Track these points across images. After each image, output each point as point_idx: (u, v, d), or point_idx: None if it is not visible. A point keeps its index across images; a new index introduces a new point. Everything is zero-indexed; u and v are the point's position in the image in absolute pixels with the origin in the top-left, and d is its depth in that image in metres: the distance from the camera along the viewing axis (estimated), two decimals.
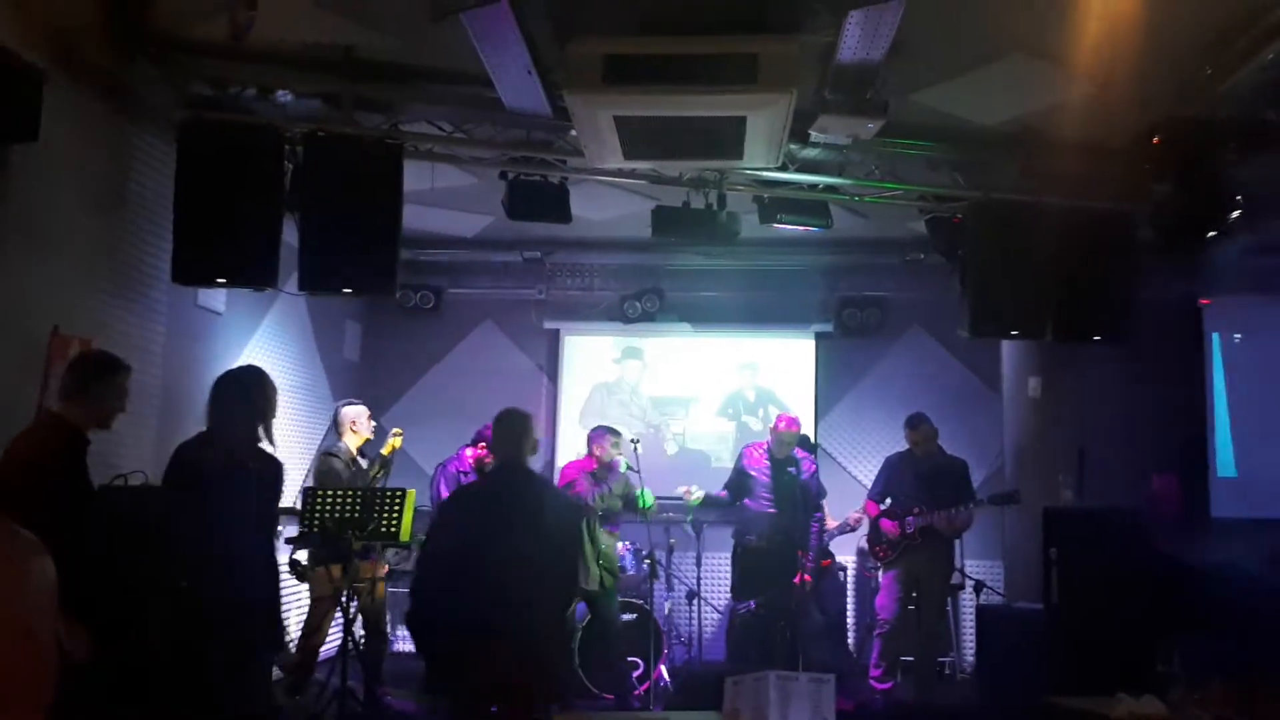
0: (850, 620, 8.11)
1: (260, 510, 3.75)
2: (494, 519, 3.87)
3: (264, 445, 3.89)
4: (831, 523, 7.31)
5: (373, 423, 6.46)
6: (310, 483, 6.29)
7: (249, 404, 3.78)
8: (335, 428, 6.44)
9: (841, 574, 8.02)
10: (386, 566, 6.37)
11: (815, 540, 6.75)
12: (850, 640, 7.95)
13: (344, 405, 6.52)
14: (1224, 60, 4.70)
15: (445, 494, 6.57)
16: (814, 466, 6.93)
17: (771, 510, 6.67)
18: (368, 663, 6.04)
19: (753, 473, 6.78)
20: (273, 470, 3.76)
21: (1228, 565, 5.99)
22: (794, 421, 6.77)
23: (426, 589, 4.00)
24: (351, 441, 6.31)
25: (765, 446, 6.82)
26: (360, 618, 6.03)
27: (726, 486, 6.97)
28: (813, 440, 8.21)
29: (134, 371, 3.79)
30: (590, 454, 6.58)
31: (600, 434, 6.60)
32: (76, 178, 4.73)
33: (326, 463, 6.19)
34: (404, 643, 7.89)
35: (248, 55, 5.08)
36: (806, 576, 6.60)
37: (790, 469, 6.64)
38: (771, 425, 6.78)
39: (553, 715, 3.65)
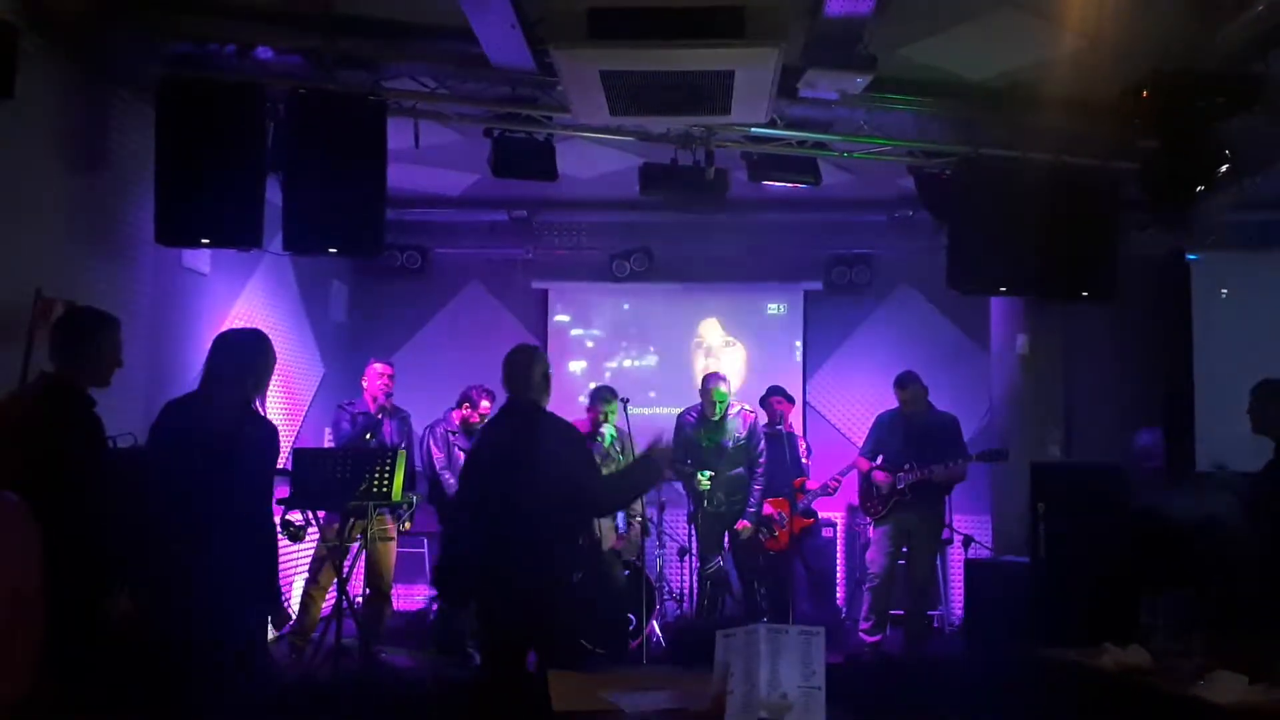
0: (840, 575, 8.19)
1: (258, 473, 3.69)
2: (504, 448, 4.03)
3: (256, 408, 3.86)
4: (813, 484, 7.31)
5: (383, 380, 6.46)
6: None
7: (245, 367, 3.70)
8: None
9: (831, 530, 8.08)
10: (392, 524, 6.37)
11: (756, 496, 6.75)
12: (839, 595, 8.03)
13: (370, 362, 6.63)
14: (1212, 13, 4.66)
15: (437, 454, 6.58)
16: (751, 417, 6.88)
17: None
18: (366, 621, 6.09)
19: (690, 435, 6.79)
20: (268, 432, 3.70)
21: (1211, 518, 6.05)
22: (714, 376, 6.76)
23: (455, 525, 4.29)
24: (369, 397, 6.42)
25: (698, 409, 6.82)
26: (365, 575, 6.09)
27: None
28: (803, 397, 8.28)
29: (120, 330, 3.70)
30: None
31: (593, 397, 6.57)
32: (54, 137, 4.67)
33: (335, 414, 6.47)
34: (403, 601, 7.95)
35: (226, 11, 5.00)
36: (744, 523, 6.66)
37: (720, 427, 6.66)
38: (700, 385, 6.80)
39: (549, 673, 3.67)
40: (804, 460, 7.31)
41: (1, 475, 3.07)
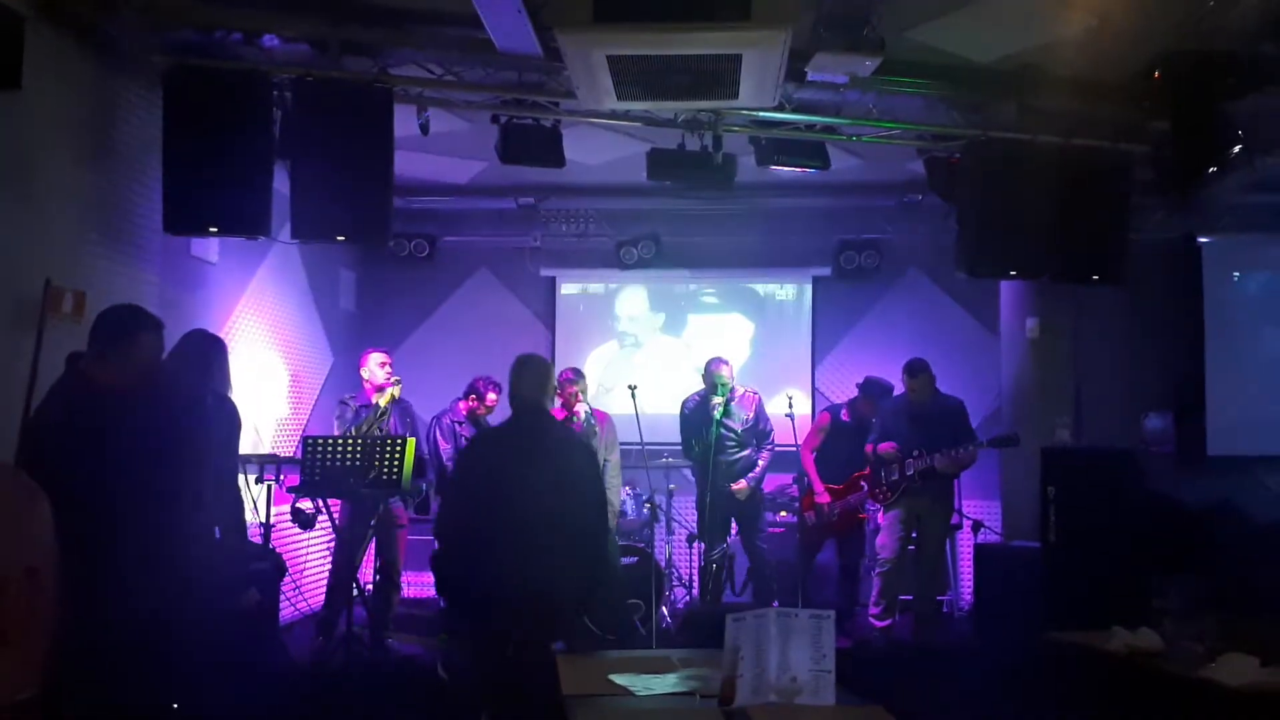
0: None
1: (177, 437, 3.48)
2: (516, 461, 3.96)
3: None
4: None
5: (386, 370, 6.37)
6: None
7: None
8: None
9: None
10: (402, 511, 6.37)
11: (760, 469, 6.68)
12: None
13: (367, 351, 6.54)
14: None
15: (443, 445, 6.54)
16: (755, 399, 6.79)
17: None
18: (376, 609, 6.11)
19: (693, 421, 6.74)
20: (182, 400, 3.60)
21: (1222, 502, 6.05)
22: (717, 361, 6.69)
23: (450, 531, 4.15)
24: (372, 388, 6.34)
25: (700, 395, 6.75)
26: (376, 562, 6.11)
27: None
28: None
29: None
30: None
31: (565, 375, 6.36)
32: (62, 127, 4.67)
33: (339, 409, 6.33)
34: (414, 589, 7.98)
35: None
36: (741, 483, 6.58)
37: (727, 411, 6.59)
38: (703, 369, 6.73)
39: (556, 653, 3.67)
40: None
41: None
